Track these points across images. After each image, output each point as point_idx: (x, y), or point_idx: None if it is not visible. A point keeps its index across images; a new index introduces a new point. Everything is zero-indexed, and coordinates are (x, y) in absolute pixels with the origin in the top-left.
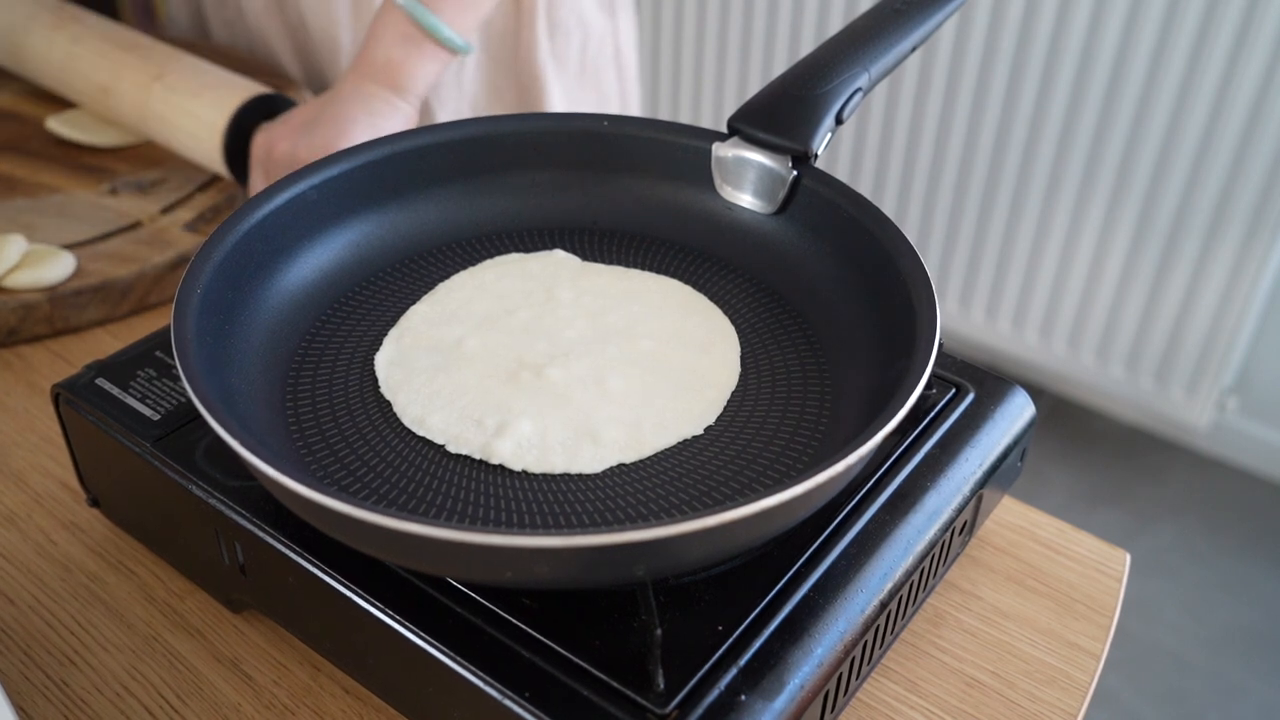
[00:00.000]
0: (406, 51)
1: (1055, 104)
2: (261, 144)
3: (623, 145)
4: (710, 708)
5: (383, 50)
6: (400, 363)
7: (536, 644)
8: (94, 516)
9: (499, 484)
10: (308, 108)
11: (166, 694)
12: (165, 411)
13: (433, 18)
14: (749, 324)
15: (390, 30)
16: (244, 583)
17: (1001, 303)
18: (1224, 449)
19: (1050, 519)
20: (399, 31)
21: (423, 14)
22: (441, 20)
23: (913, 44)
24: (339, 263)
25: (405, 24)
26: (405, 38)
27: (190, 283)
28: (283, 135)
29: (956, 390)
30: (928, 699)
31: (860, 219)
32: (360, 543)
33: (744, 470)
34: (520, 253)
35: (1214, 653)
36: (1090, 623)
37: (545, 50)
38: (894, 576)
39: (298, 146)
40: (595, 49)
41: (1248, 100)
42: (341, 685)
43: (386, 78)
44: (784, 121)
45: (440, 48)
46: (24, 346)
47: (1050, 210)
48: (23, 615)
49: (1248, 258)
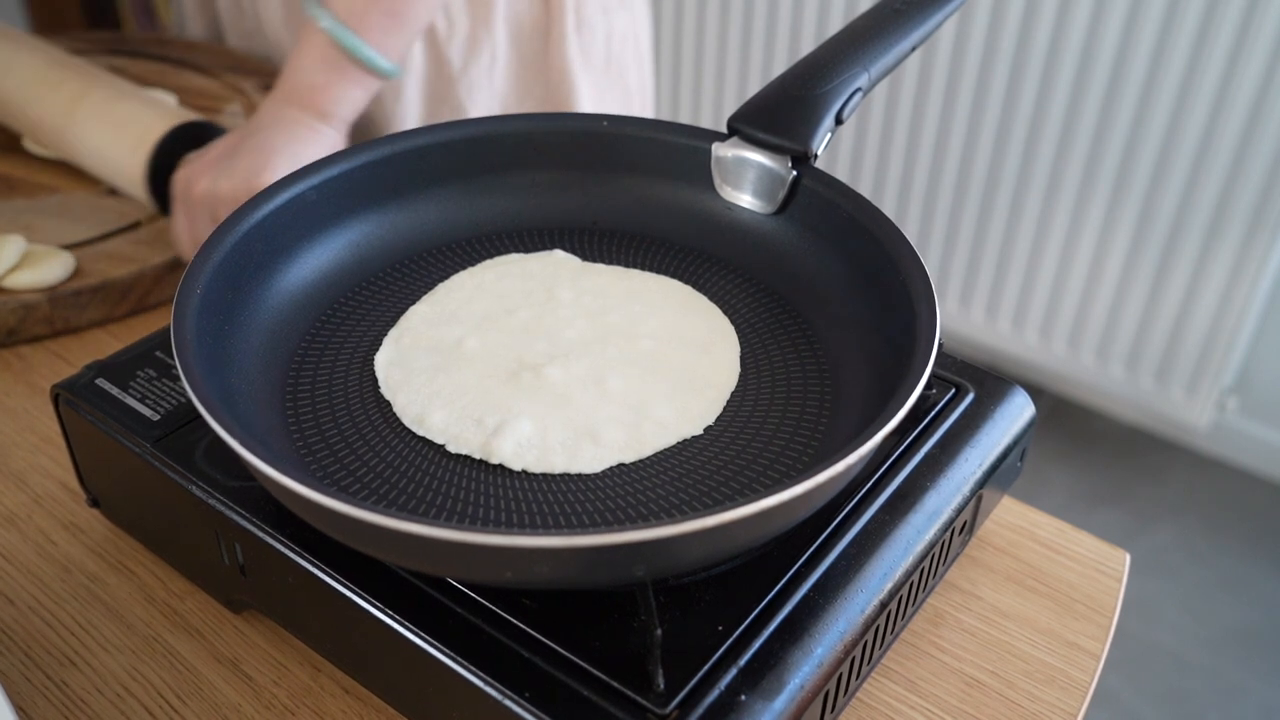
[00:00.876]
0: (329, 76)
1: (1055, 104)
2: (181, 180)
3: (623, 145)
4: (710, 708)
5: (305, 74)
6: (400, 363)
7: (536, 644)
8: (94, 517)
9: (499, 484)
10: (229, 138)
11: (166, 694)
12: (165, 411)
13: (356, 40)
14: (749, 324)
15: (313, 53)
16: (244, 583)
17: (1001, 303)
18: (1224, 449)
19: (1050, 519)
20: (321, 55)
21: (345, 36)
22: (366, 43)
23: (913, 44)
24: (338, 263)
25: (328, 46)
26: (329, 61)
27: (190, 283)
28: (201, 171)
29: (956, 390)
30: (928, 699)
31: (860, 219)
32: (360, 543)
33: (744, 470)
34: (520, 253)
35: (1214, 653)
36: (1090, 623)
37: (574, 47)
38: (894, 576)
39: (218, 182)
40: (619, 45)
41: (1248, 100)
42: (341, 685)
43: (309, 102)
44: (784, 121)
45: (365, 72)
46: (24, 346)
47: (1050, 210)
48: (23, 616)
49: (1248, 258)
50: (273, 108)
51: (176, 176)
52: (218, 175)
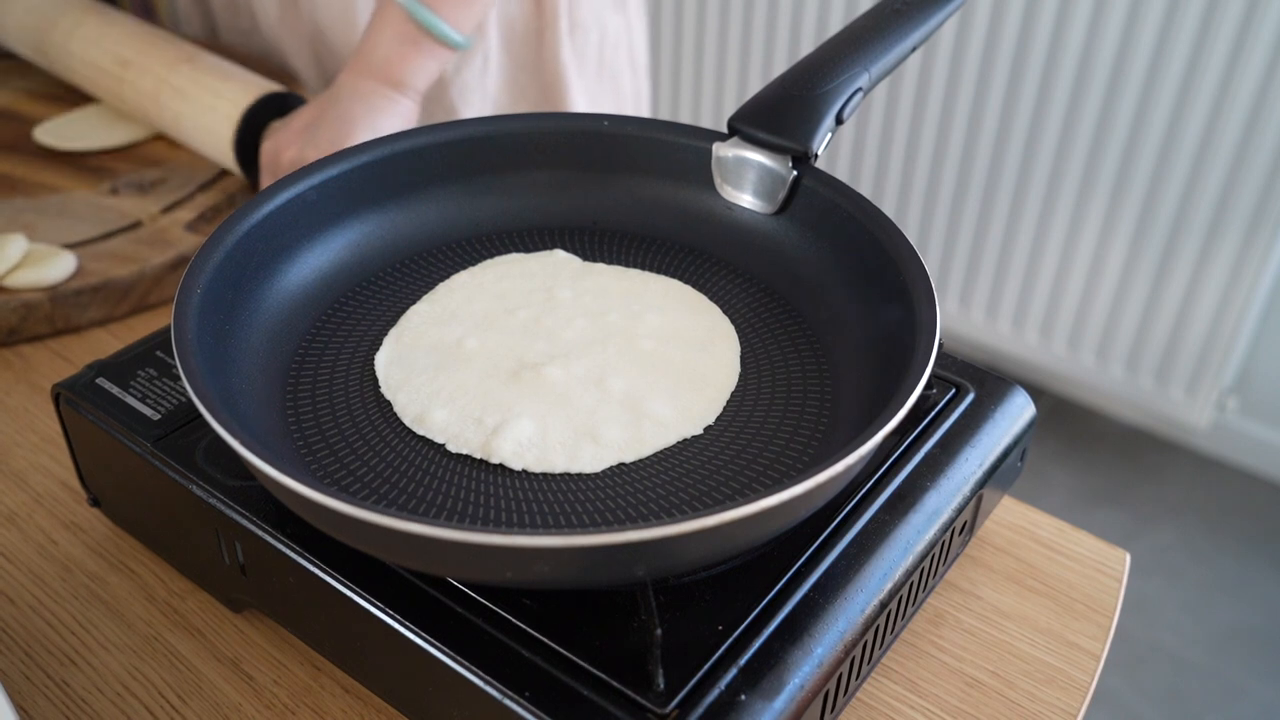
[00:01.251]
0: (405, 49)
1: (1055, 104)
2: (269, 150)
3: (623, 145)
4: (710, 708)
5: (381, 47)
6: (400, 362)
7: (536, 644)
8: (94, 516)
9: (499, 484)
10: (309, 109)
11: (167, 694)
12: (165, 411)
13: (431, 15)
14: (749, 324)
15: (389, 27)
16: (244, 583)
17: (1001, 303)
18: (1224, 449)
19: (1050, 519)
20: (397, 29)
21: (421, 12)
22: (440, 17)
23: (913, 44)
24: (339, 263)
25: (404, 21)
26: (404, 35)
27: (190, 283)
28: (288, 141)
29: (956, 390)
30: (928, 699)
31: (860, 219)
32: (360, 543)
33: (744, 470)
34: (520, 253)
35: (1214, 653)
36: (1090, 623)
37: (567, 50)
38: (894, 576)
39: (304, 151)
40: (612, 48)
41: (1248, 100)
42: (341, 685)
43: (385, 75)
44: (784, 121)
45: (439, 45)
46: (24, 346)
47: (1050, 210)
48: (23, 615)
49: (1248, 258)
50: (350, 80)
51: (264, 147)
52: (304, 145)
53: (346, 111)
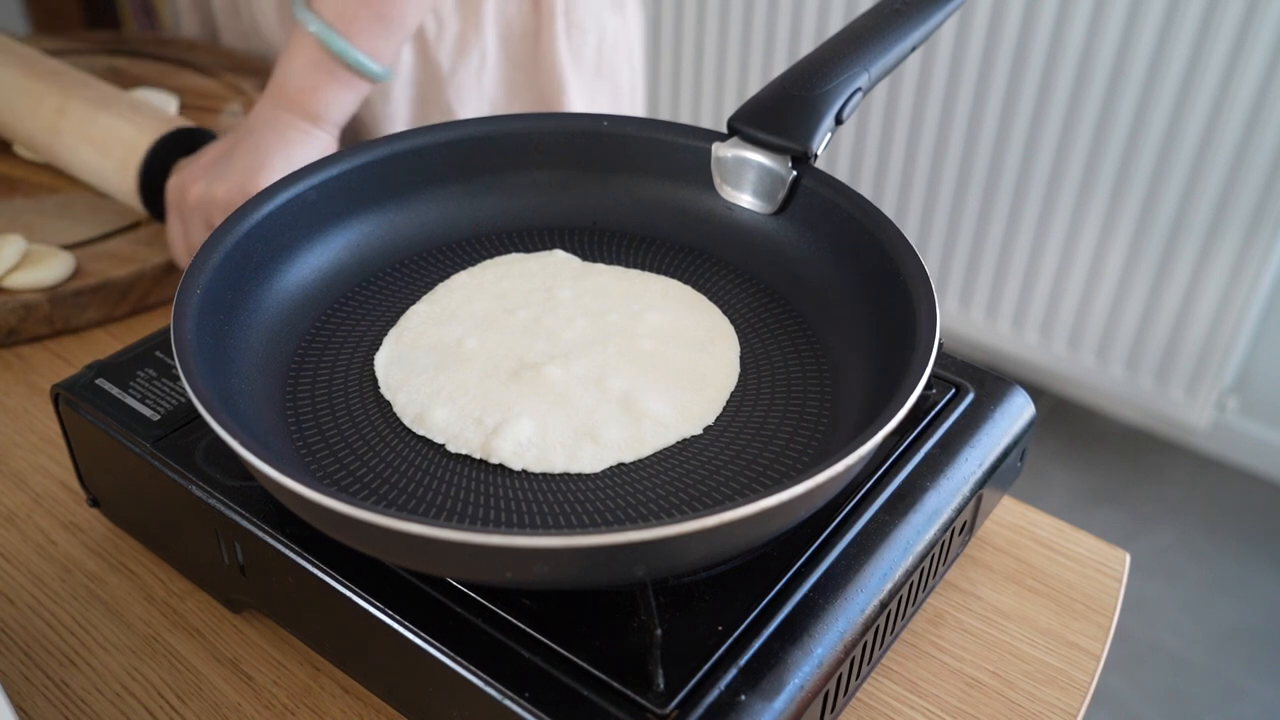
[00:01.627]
0: (319, 79)
1: (1055, 104)
2: (175, 187)
3: (623, 145)
4: (710, 708)
5: (295, 77)
6: (400, 362)
7: (536, 644)
8: (94, 516)
9: (499, 484)
10: (221, 143)
11: (166, 694)
12: (165, 411)
13: (345, 44)
14: (749, 324)
15: (302, 56)
16: (244, 583)
17: (1001, 303)
18: (1224, 449)
19: (1050, 519)
20: (310, 58)
21: (334, 40)
22: (356, 47)
23: (913, 44)
24: (339, 263)
25: (317, 50)
26: (317, 64)
27: (190, 283)
28: (195, 176)
29: (956, 390)
30: (928, 699)
31: (860, 219)
32: (360, 543)
33: (744, 470)
34: (520, 253)
35: (1214, 653)
36: (1090, 623)
37: (564, 50)
38: (894, 576)
39: (212, 187)
40: (610, 48)
41: (1248, 100)
42: (341, 685)
43: (300, 106)
44: (784, 121)
45: (355, 75)
46: (24, 346)
47: (1050, 210)
48: (23, 615)
49: (1248, 258)
50: (264, 111)
51: (170, 184)
52: (212, 180)
53: (260, 144)
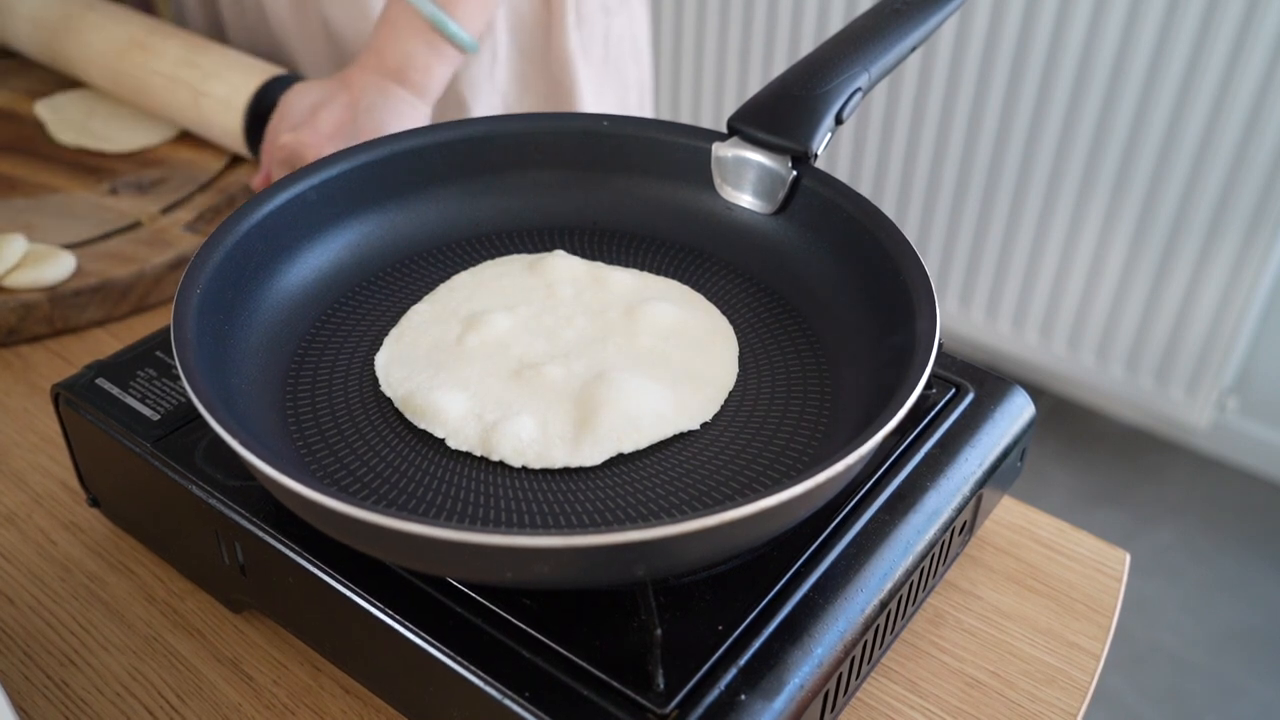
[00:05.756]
0: (422, 51)
1: (1055, 104)
2: (290, 145)
3: (623, 145)
4: (710, 708)
5: (397, 47)
6: (400, 362)
7: (536, 644)
8: (94, 516)
9: (499, 482)
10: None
11: (167, 694)
12: (165, 411)
13: (445, 16)
14: (749, 324)
15: (403, 26)
16: (244, 583)
17: (1001, 303)
18: (1224, 449)
19: (1050, 519)
20: (412, 28)
21: (436, 13)
22: (455, 20)
23: (913, 44)
24: (339, 263)
25: (418, 21)
26: (419, 36)
27: (190, 283)
28: (320, 142)
29: (956, 390)
30: (928, 699)
31: (860, 219)
32: (360, 543)
33: (744, 470)
34: (520, 253)
35: (1214, 653)
36: (1090, 623)
37: (575, 42)
38: (894, 576)
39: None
40: (618, 40)
41: (1248, 100)
42: (341, 685)
43: (410, 80)
44: (784, 121)
45: (451, 47)
46: (24, 346)
47: (1050, 210)
48: (23, 615)
49: (1248, 258)
50: (377, 82)
51: (284, 140)
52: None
53: (383, 121)
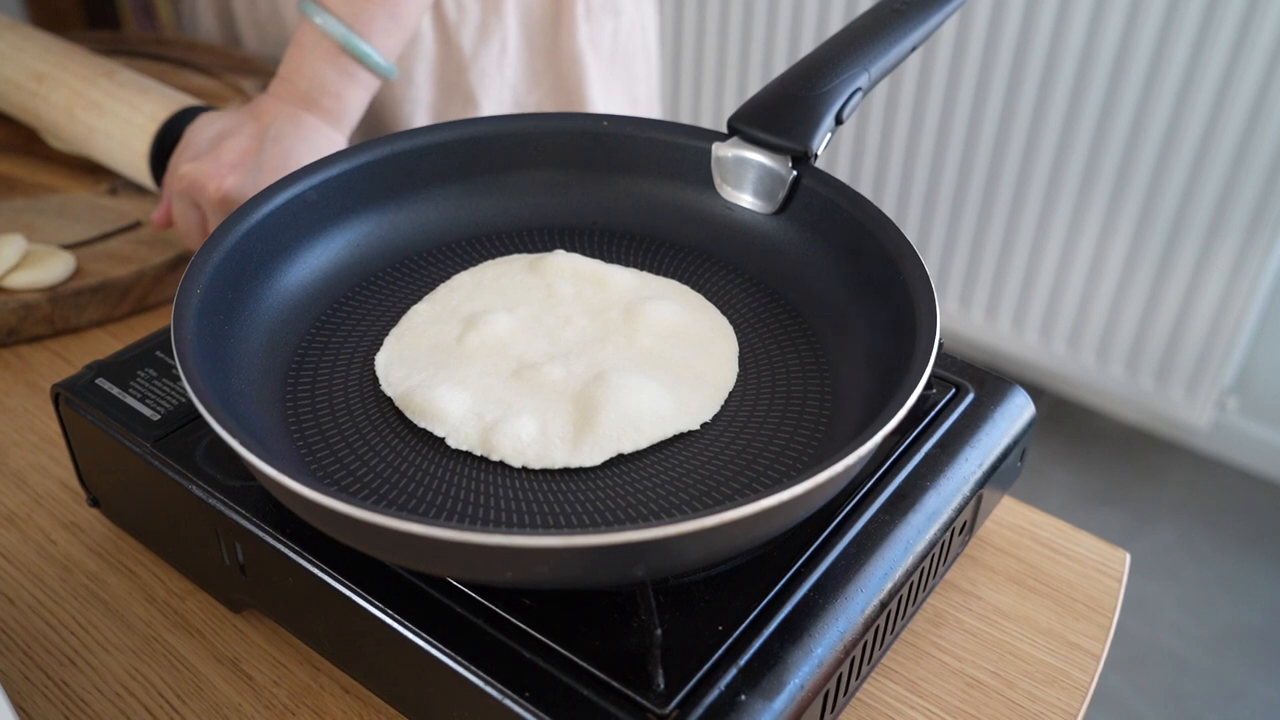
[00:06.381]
0: (340, 81)
1: (1055, 104)
2: (190, 176)
3: (623, 145)
4: (710, 708)
5: (315, 78)
6: (400, 362)
7: (536, 644)
8: (94, 516)
9: (499, 482)
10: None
11: (166, 694)
12: (165, 411)
13: (362, 42)
14: (749, 324)
15: (318, 54)
16: (244, 583)
17: (1001, 303)
18: (1224, 449)
19: (1050, 519)
20: (328, 57)
21: (349, 36)
22: (370, 45)
23: (913, 44)
24: (339, 263)
25: (330, 46)
26: (336, 65)
27: (190, 283)
28: (223, 171)
29: (956, 390)
30: (928, 699)
31: (860, 219)
32: (360, 543)
33: (744, 470)
34: (520, 253)
35: (1214, 653)
36: (1090, 623)
37: (584, 35)
38: (894, 576)
39: (244, 187)
40: (626, 34)
41: (1248, 100)
42: (341, 685)
43: (323, 107)
44: (784, 121)
45: (370, 74)
46: (24, 346)
47: (1050, 210)
48: (23, 615)
49: (1248, 258)
50: (288, 110)
51: (183, 171)
52: (243, 179)
53: (292, 151)
